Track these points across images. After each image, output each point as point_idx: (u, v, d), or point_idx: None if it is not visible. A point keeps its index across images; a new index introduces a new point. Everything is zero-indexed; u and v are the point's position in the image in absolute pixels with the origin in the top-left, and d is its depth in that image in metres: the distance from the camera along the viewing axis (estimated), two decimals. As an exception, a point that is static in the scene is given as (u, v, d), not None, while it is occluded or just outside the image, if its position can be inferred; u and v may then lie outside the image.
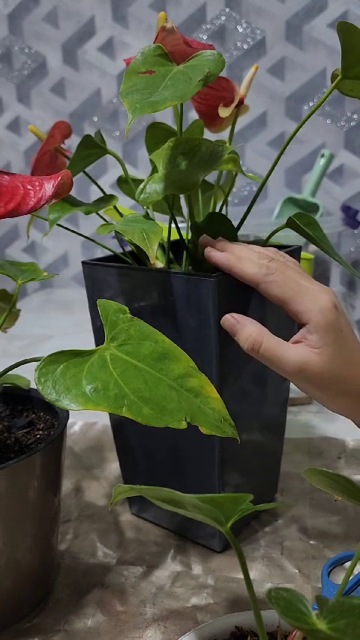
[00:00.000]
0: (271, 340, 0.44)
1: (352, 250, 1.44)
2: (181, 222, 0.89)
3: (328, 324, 0.43)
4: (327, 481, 0.32)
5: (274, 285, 0.45)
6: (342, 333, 0.44)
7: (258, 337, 0.44)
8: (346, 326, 0.44)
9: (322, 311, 0.43)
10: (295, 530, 0.57)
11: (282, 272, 0.45)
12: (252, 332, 0.44)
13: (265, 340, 0.44)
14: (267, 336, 0.44)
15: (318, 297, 0.44)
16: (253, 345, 0.44)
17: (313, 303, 0.44)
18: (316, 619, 0.23)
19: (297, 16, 1.31)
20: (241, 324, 0.45)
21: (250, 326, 0.45)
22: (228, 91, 0.53)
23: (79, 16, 1.42)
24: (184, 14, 1.36)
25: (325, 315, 0.43)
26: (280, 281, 0.45)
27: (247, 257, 0.46)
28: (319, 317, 0.43)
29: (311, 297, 0.44)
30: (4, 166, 1.57)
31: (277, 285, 0.45)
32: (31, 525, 0.44)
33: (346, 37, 0.42)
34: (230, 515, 0.28)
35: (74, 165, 0.52)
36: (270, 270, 0.45)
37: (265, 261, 0.46)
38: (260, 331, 0.45)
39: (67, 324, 1.29)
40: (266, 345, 0.44)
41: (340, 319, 0.44)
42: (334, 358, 0.43)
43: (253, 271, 0.45)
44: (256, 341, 0.44)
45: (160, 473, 0.56)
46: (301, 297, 0.44)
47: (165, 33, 0.44)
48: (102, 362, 0.38)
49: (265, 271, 0.45)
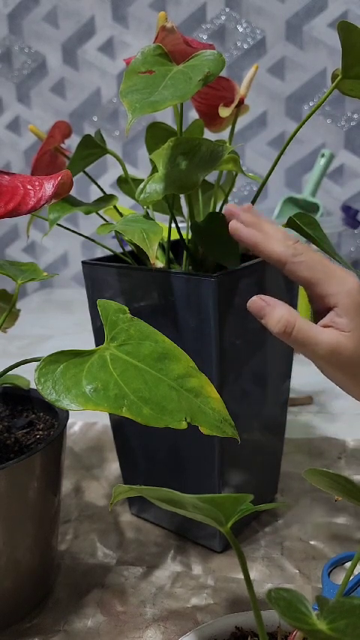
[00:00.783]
0: (303, 322, 0.43)
1: (352, 250, 1.44)
2: (181, 222, 0.89)
3: (356, 307, 0.42)
4: (327, 481, 0.32)
5: (302, 265, 0.44)
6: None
7: (290, 319, 0.42)
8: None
9: (350, 294, 0.43)
10: (296, 530, 0.57)
11: (308, 254, 0.44)
12: (284, 313, 0.43)
13: (298, 322, 0.42)
14: (299, 318, 0.43)
15: (345, 280, 0.43)
16: (286, 327, 0.42)
17: (340, 286, 0.43)
18: (317, 619, 0.23)
19: (297, 15, 1.31)
20: (271, 306, 0.43)
21: (282, 307, 0.43)
22: (228, 91, 0.53)
23: (79, 16, 1.42)
24: (184, 14, 1.36)
25: (353, 298, 0.43)
26: (308, 262, 0.44)
27: (273, 235, 0.45)
28: (347, 300, 0.43)
29: (338, 279, 0.43)
30: (4, 166, 1.57)
31: (306, 265, 0.44)
32: (31, 525, 0.44)
33: (346, 36, 0.41)
34: (230, 515, 0.28)
35: (74, 165, 0.52)
36: (297, 251, 0.44)
37: (291, 242, 0.45)
38: (292, 312, 0.43)
39: (67, 324, 1.29)
40: (299, 326, 0.42)
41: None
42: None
43: (281, 250, 0.44)
44: (289, 322, 0.42)
45: (160, 473, 0.56)
46: (329, 279, 0.43)
47: (165, 32, 0.44)
48: (102, 362, 0.38)
49: (292, 251, 0.44)
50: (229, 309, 0.47)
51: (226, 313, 0.46)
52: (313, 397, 0.86)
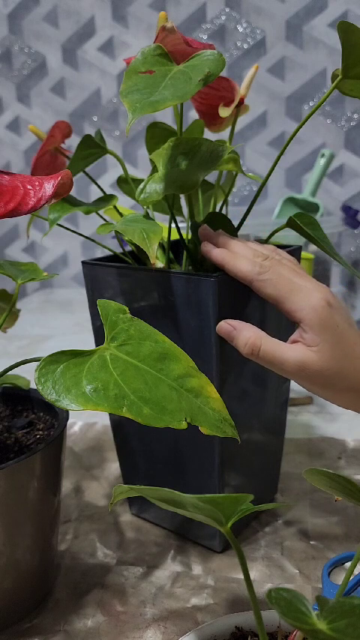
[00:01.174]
0: (269, 343, 0.44)
1: (352, 250, 1.44)
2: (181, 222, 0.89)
3: (321, 322, 0.43)
4: (327, 481, 0.32)
5: (267, 283, 0.45)
6: (338, 329, 0.43)
7: (256, 341, 0.44)
8: (342, 321, 0.44)
9: (314, 309, 0.43)
10: (296, 530, 0.57)
11: (275, 270, 0.45)
12: (250, 337, 0.44)
13: (264, 343, 0.44)
14: (265, 339, 0.44)
15: (310, 295, 0.44)
16: (252, 349, 0.44)
17: (305, 301, 0.44)
18: (317, 619, 0.23)
19: (297, 15, 1.31)
20: (238, 330, 0.45)
21: (247, 330, 0.45)
22: (228, 91, 0.53)
23: (79, 16, 1.42)
24: (184, 14, 1.36)
25: (318, 313, 0.43)
26: (273, 279, 0.44)
27: (241, 254, 0.46)
28: (312, 315, 0.43)
29: (303, 295, 0.44)
30: (4, 166, 1.57)
31: (270, 283, 0.44)
32: (31, 525, 0.44)
33: (346, 36, 0.41)
34: (230, 515, 0.28)
35: (74, 165, 0.52)
36: (263, 269, 0.45)
37: (259, 259, 0.46)
38: (258, 335, 0.44)
39: (67, 324, 1.29)
40: (265, 348, 0.44)
41: (335, 315, 0.44)
42: (332, 355, 0.43)
43: (247, 269, 0.45)
44: (255, 345, 0.44)
45: (160, 473, 0.56)
46: (294, 296, 0.44)
47: (165, 32, 0.44)
48: (102, 362, 0.38)
49: (258, 269, 0.45)
50: (229, 309, 0.47)
51: (226, 313, 0.46)
52: (313, 397, 0.86)
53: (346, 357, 0.43)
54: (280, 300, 0.45)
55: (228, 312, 0.47)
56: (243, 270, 0.45)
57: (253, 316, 0.50)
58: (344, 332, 0.44)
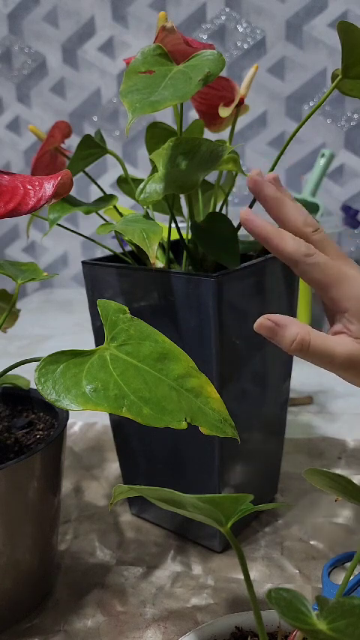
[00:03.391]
0: (317, 337, 0.41)
1: (352, 250, 1.44)
2: (181, 222, 0.89)
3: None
4: (327, 481, 0.32)
5: (314, 267, 0.42)
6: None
7: (305, 337, 0.40)
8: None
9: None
10: (296, 530, 0.57)
11: (321, 254, 0.42)
12: (297, 332, 0.40)
13: (313, 338, 0.40)
14: (313, 334, 0.41)
15: (358, 284, 0.42)
16: (302, 345, 0.40)
17: (353, 291, 0.42)
18: (317, 619, 0.23)
19: (297, 15, 1.31)
20: (282, 326, 0.40)
21: (294, 326, 0.40)
22: (228, 91, 0.53)
23: (79, 16, 1.42)
24: (184, 14, 1.36)
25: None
26: (321, 264, 0.42)
27: (292, 222, 0.43)
28: (358, 305, 0.41)
29: (351, 284, 0.42)
30: (4, 166, 1.57)
31: (318, 268, 0.42)
32: (30, 526, 0.44)
33: (346, 36, 0.41)
34: (230, 515, 0.28)
35: (74, 165, 0.52)
36: (311, 251, 0.42)
37: (310, 228, 0.43)
38: (306, 330, 0.41)
39: (67, 324, 1.29)
40: (314, 342, 0.40)
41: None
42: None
43: (293, 249, 0.42)
44: (304, 341, 0.40)
45: (160, 473, 0.56)
46: (341, 284, 0.42)
47: (165, 32, 0.44)
48: (102, 362, 0.38)
49: (304, 251, 0.42)
50: (229, 309, 0.47)
51: (226, 313, 0.46)
52: (313, 397, 0.86)
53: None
54: (326, 286, 0.42)
55: (228, 312, 0.47)
56: (289, 250, 0.42)
57: (254, 315, 0.50)
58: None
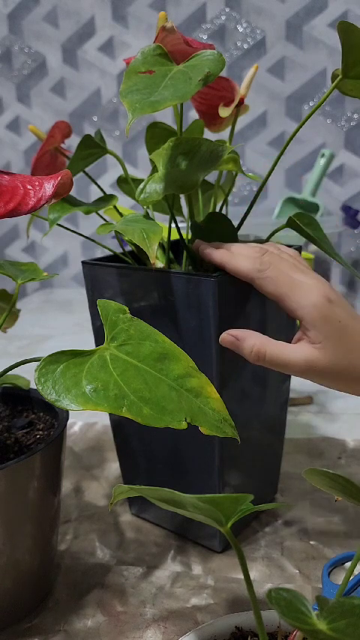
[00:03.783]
0: (273, 347, 0.44)
1: (352, 250, 1.44)
2: (181, 222, 0.89)
3: (322, 319, 0.43)
4: (327, 481, 0.32)
5: (267, 281, 0.45)
6: (340, 324, 0.43)
7: (261, 347, 0.44)
8: (345, 315, 0.44)
9: (314, 306, 0.43)
10: (296, 530, 0.57)
11: (275, 267, 0.45)
12: (254, 344, 0.44)
13: (268, 349, 0.44)
14: (269, 344, 0.45)
15: (310, 292, 0.44)
16: (258, 356, 0.44)
17: (305, 299, 0.44)
18: (317, 619, 0.23)
19: (297, 15, 1.31)
20: (241, 339, 0.45)
21: (250, 339, 0.45)
22: (228, 91, 0.53)
23: (79, 16, 1.42)
24: (184, 14, 1.36)
25: (318, 310, 0.43)
26: (272, 277, 0.44)
27: (239, 252, 0.46)
28: (312, 313, 0.43)
29: (303, 292, 0.44)
30: (4, 166, 1.57)
31: (271, 281, 0.44)
32: (31, 525, 0.44)
33: (346, 36, 0.41)
34: (230, 515, 0.28)
35: (74, 165, 0.52)
36: (263, 266, 0.45)
37: (258, 254, 0.46)
38: (262, 341, 0.45)
39: (67, 324, 1.29)
40: (270, 352, 0.44)
41: (336, 310, 0.44)
42: (337, 350, 0.43)
43: (247, 267, 0.45)
44: (260, 351, 0.44)
45: (161, 473, 0.56)
46: (294, 294, 0.44)
47: (165, 32, 0.44)
48: (102, 362, 0.38)
49: (258, 267, 0.45)
50: (229, 309, 0.47)
51: (226, 313, 0.46)
52: (313, 397, 0.86)
53: (352, 351, 0.43)
54: (280, 298, 0.45)
55: (228, 312, 0.47)
56: (243, 268, 0.45)
57: (254, 315, 0.50)
58: (348, 326, 0.44)
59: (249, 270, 0.45)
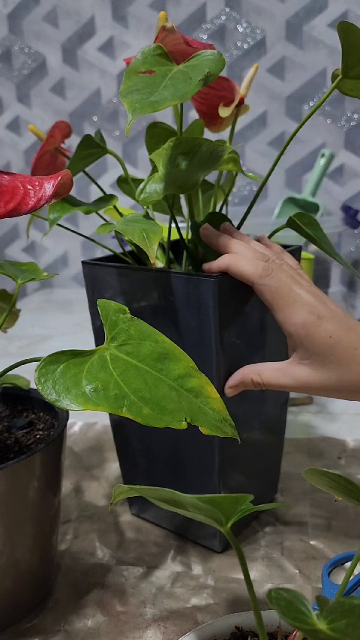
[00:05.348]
0: (267, 374, 0.47)
1: (352, 250, 1.44)
2: (181, 222, 0.89)
3: (309, 337, 0.44)
4: (327, 481, 0.32)
5: (266, 289, 0.45)
6: (331, 339, 0.43)
7: (256, 378, 0.47)
8: (337, 328, 0.44)
9: (302, 325, 0.44)
10: (296, 530, 0.57)
11: (275, 276, 0.45)
12: (251, 379, 0.47)
13: (264, 377, 0.47)
14: (263, 373, 0.47)
15: (300, 309, 0.44)
16: (260, 385, 0.47)
17: (294, 317, 0.44)
18: (317, 619, 0.23)
19: (297, 15, 1.31)
20: (242, 381, 0.47)
21: (247, 375, 0.47)
22: (228, 91, 0.53)
23: (79, 16, 1.42)
24: (184, 14, 1.36)
25: (306, 328, 0.44)
26: (272, 286, 0.45)
27: (244, 255, 0.46)
28: (300, 331, 0.44)
29: (295, 309, 0.44)
30: (4, 166, 1.57)
31: (269, 290, 0.45)
32: (31, 525, 0.44)
33: (346, 36, 0.41)
34: (230, 515, 0.28)
35: (74, 165, 0.52)
36: (265, 272, 0.45)
37: (261, 260, 0.46)
38: (255, 370, 0.47)
39: (67, 324, 1.29)
40: (266, 380, 0.47)
41: (326, 325, 0.44)
42: (326, 365, 0.44)
43: (250, 271, 0.45)
44: (258, 382, 0.47)
45: (161, 473, 0.56)
46: (286, 308, 0.45)
47: (165, 32, 0.44)
48: (102, 362, 0.38)
49: (260, 272, 0.45)
50: (229, 309, 0.47)
51: (226, 313, 0.46)
52: (313, 397, 0.86)
53: (342, 365, 0.43)
54: (273, 309, 0.45)
55: (228, 312, 0.47)
56: (246, 271, 0.45)
57: (254, 315, 0.50)
58: (339, 341, 0.43)
59: (250, 274, 0.45)
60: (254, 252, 0.47)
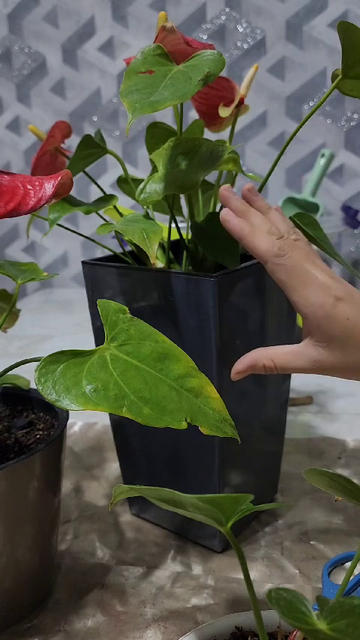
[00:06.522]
0: (280, 357, 0.45)
1: (352, 250, 1.44)
2: (181, 222, 0.89)
3: (327, 319, 0.43)
4: (327, 481, 0.32)
5: (281, 268, 0.44)
6: (349, 322, 0.42)
7: (268, 363, 0.45)
8: (355, 311, 0.43)
9: (320, 307, 0.43)
10: (296, 530, 0.57)
11: (292, 256, 0.44)
12: (263, 364, 0.45)
13: (276, 360, 0.45)
14: (275, 356, 0.45)
15: (318, 291, 0.43)
16: (271, 370, 0.46)
17: (312, 297, 0.43)
18: (317, 619, 0.23)
19: (297, 15, 1.31)
20: (251, 365, 0.46)
21: (259, 359, 0.46)
22: (228, 91, 0.53)
23: (79, 16, 1.42)
24: (184, 14, 1.36)
25: (324, 310, 0.43)
26: (287, 266, 0.44)
27: (260, 229, 0.45)
28: (318, 312, 0.43)
29: (313, 290, 0.43)
30: (4, 166, 1.57)
31: (284, 269, 0.44)
32: (31, 525, 0.44)
33: (346, 36, 0.41)
34: (230, 515, 0.28)
35: (74, 165, 0.52)
36: (281, 251, 0.44)
37: (274, 237, 0.45)
38: (268, 355, 0.45)
39: (67, 324, 1.29)
40: (279, 363, 0.45)
41: (344, 308, 0.43)
42: (345, 349, 0.43)
43: (265, 248, 0.44)
44: (270, 367, 0.45)
45: (161, 473, 0.56)
46: (303, 289, 0.43)
47: (165, 32, 0.44)
48: (102, 362, 0.38)
49: (276, 251, 0.44)
50: (229, 309, 0.47)
51: (226, 313, 0.46)
52: (313, 397, 0.86)
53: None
54: (288, 289, 0.44)
55: (228, 312, 0.47)
56: (261, 248, 0.44)
57: (254, 315, 0.50)
58: (358, 322, 0.43)
59: (265, 251, 0.44)
60: (270, 226, 0.45)
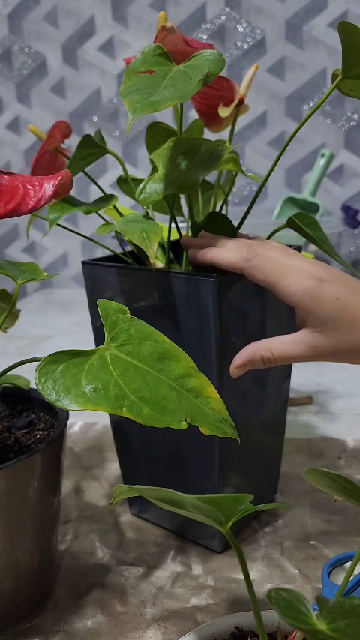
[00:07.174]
0: (277, 347, 0.45)
1: (352, 250, 1.44)
2: (181, 222, 0.89)
3: (316, 302, 0.42)
4: (327, 481, 0.32)
5: (255, 269, 0.44)
6: (339, 301, 0.42)
7: (266, 353, 0.45)
8: (342, 290, 0.43)
9: (306, 291, 0.43)
10: (296, 530, 0.57)
11: (262, 254, 0.44)
12: (261, 355, 0.45)
13: (274, 351, 0.45)
14: (272, 347, 0.45)
15: (300, 275, 0.43)
16: (269, 361, 0.45)
17: (295, 285, 0.43)
18: (317, 619, 0.23)
19: (297, 15, 1.31)
20: (249, 359, 0.45)
21: (256, 352, 0.45)
22: (228, 91, 0.53)
23: (79, 16, 1.42)
24: (184, 14, 1.36)
25: (311, 294, 0.42)
26: (261, 264, 0.44)
27: (225, 245, 0.46)
28: (305, 298, 0.43)
29: (293, 277, 0.43)
30: (4, 166, 1.57)
31: (259, 269, 0.44)
32: (31, 525, 0.44)
33: (346, 36, 0.41)
34: (230, 515, 0.28)
35: (74, 165, 0.52)
36: (250, 254, 0.44)
37: (245, 245, 0.45)
38: (264, 347, 0.45)
39: (67, 324, 1.29)
40: (277, 354, 0.45)
41: (331, 289, 0.43)
42: (339, 328, 0.42)
43: (234, 258, 0.45)
44: (268, 358, 0.45)
45: (160, 473, 0.56)
46: (284, 279, 0.43)
47: (165, 32, 0.44)
48: (102, 362, 0.38)
49: (245, 255, 0.44)
50: (229, 309, 0.47)
51: (226, 313, 0.46)
52: (313, 397, 0.86)
53: (355, 326, 0.42)
54: (271, 286, 0.44)
55: (228, 312, 0.47)
56: (232, 258, 0.45)
57: (254, 315, 0.50)
58: (348, 301, 0.42)
59: (237, 260, 0.45)
60: (236, 241, 0.46)
